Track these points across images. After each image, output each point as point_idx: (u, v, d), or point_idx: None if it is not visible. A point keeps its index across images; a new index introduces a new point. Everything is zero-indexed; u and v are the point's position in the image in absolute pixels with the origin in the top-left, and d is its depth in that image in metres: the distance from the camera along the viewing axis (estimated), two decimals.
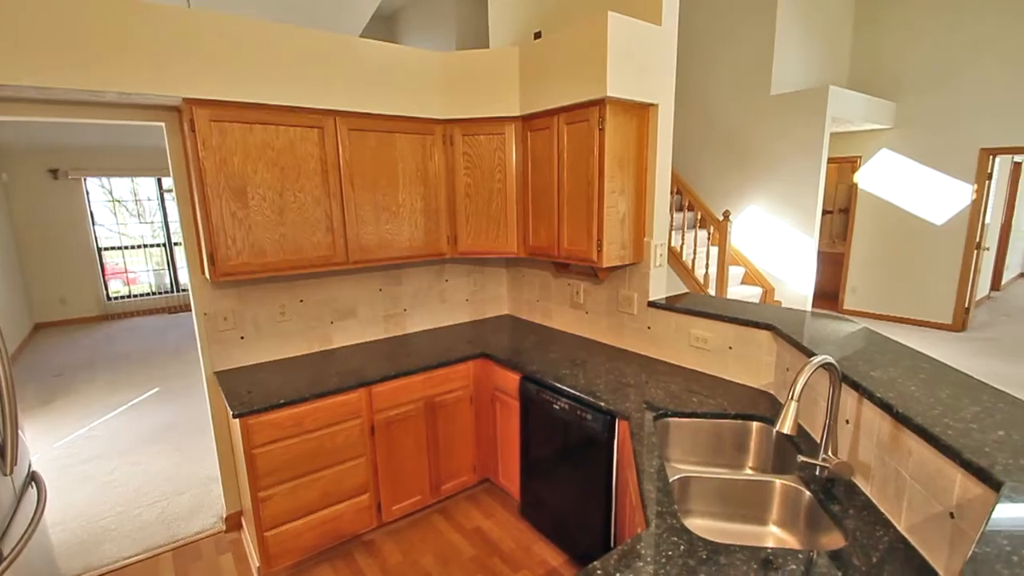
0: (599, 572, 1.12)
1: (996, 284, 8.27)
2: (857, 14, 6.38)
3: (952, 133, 5.83)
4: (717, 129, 5.80)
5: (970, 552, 0.78)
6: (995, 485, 0.96)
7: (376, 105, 2.45)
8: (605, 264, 2.37)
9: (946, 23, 5.74)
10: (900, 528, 1.25)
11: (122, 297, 7.94)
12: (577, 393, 2.15)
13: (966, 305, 6.01)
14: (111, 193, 7.78)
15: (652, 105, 2.38)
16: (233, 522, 2.67)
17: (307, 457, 2.22)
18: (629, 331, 2.67)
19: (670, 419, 1.94)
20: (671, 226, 5.15)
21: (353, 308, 2.85)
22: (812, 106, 4.96)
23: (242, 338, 2.52)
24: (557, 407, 2.26)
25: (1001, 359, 5.17)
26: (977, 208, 5.76)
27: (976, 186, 5.73)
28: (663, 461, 1.61)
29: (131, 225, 8.00)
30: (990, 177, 5.74)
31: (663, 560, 1.15)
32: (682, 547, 1.20)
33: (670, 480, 1.52)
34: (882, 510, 1.32)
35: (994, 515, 0.86)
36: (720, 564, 1.14)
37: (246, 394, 2.19)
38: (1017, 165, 7.67)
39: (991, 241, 7.27)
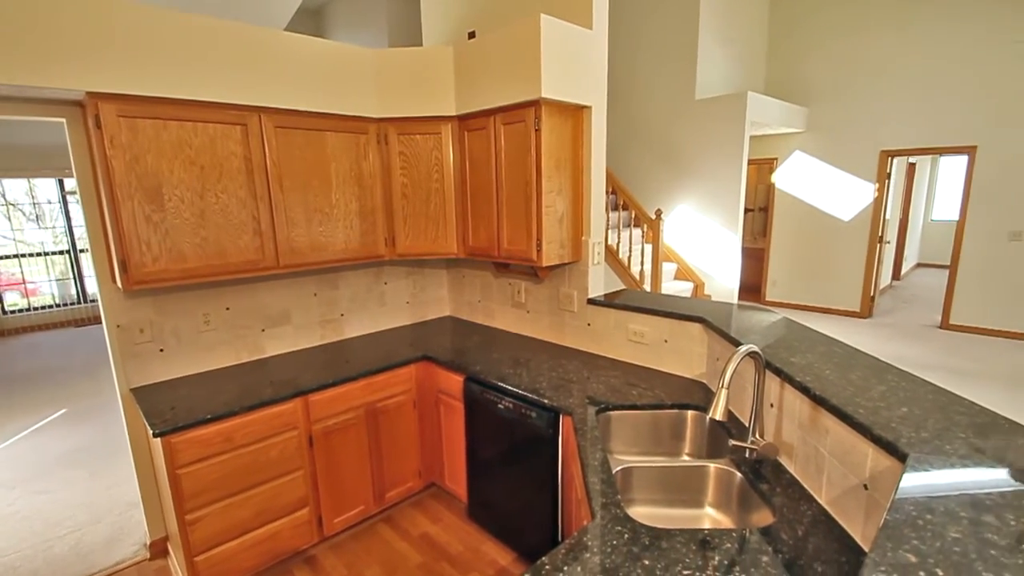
0: (547, 567, 1.13)
1: (897, 274, 9.12)
2: (771, 26, 6.83)
3: (856, 137, 6.37)
4: (648, 131, 6.02)
5: (882, 520, 0.85)
6: (901, 457, 1.05)
7: (305, 102, 2.35)
8: (545, 263, 2.40)
9: (849, 40, 6.26)
10: (821, 502, 1.34)
11: (20, 311, 7.17)
12: (521, 392, 2.16)
13: (872, 294, 6.59)
14: (3, 196, 7.01)
15: (586, 107, 2.44)
16: (158, 548, 2.47)
17: (239, 474, 2.10)
18: (570, 328, 2.71)
19: (612, 412, 1.99)
20: (607, 225, 5.30)
21: (286, 314, 2.72)
22: (733, 111, 5.26)
23: (161, 351, 2.34)
24: (502, 407, 2.26)
25: (903, 342, 5.71)
26: (879, 205, 6.32)
27: (877, 185, 6.30)
28: (606, 453, 1.65)
29: (29, 231, 7.24)
30: (889, 177, 6.32)
31: (609, 550, 1.18)
32: (626, 535, 1.23)
33: (613, 471, 1.56)
34: (805, 486, 1.42)
35: (901, 484, 0.95)
36: (662, 549, 1.18)
37: (168, 411, 2.03)
38: (911, 166, 8.50)
39: (891, 235, 8.01)
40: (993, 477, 0.96)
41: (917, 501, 0.89)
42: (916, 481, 0.95)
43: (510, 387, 2.21)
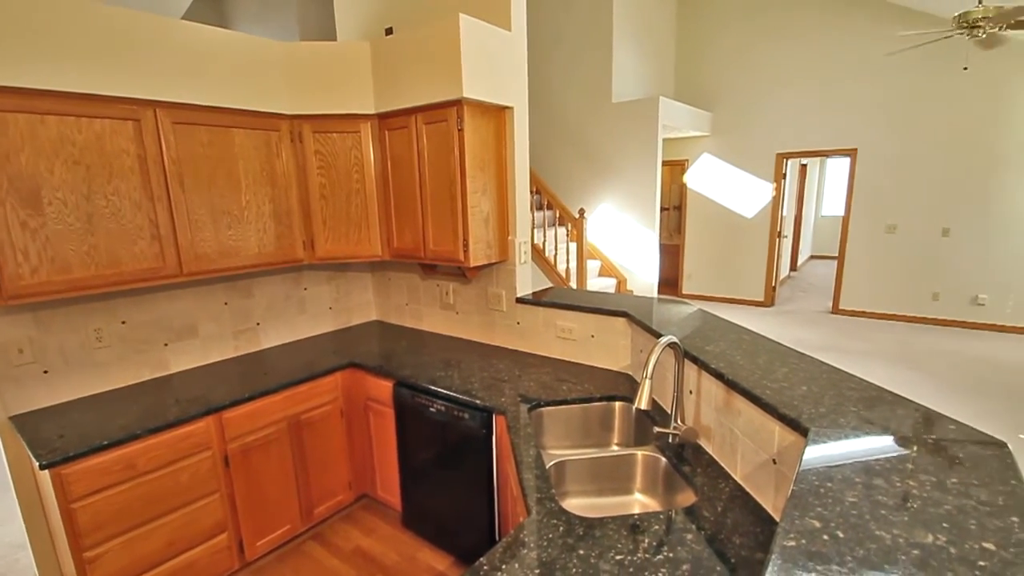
0: (485, 567, 1.12)
1: (794, 265, 10.00)
2: (679, 36, 7.26)
3: (755, 140, 6.92)
4: (569, 132, 6.18)
5: (790, 491, 0.93)
6: (803, 432, 1.15)
7: (207, 96, 2.19)
8: (472, 264, 2.39)
9: (747, 51, 6.78)
10: (737, 478, 1.44)
11: None
12: (453, 394, 2.14)
13: (773, 284, 7.19)
14: None
15: (508, 108, 2.46)
16: None
17: (145, 503, 1.91)
18: (500, 328, 2.72)
19: (543, 409, 2.02)
20: (533, 224, 5.38)
21: (193, 326, 2.51)
22: (646, 114, 5.52)
23: (46, 372, 2.09)
24: (434, 410, 2.23)
25: (801, 327, 6.27)
26: (776, 203, 6.90)
27: (775, 185, 6.87)
28: (539, 449, 1.67)
29: None
30: (784, 177, 6.92)
31: (545, 543, 1.19)
32: (561, 528, 1.25)
33: (547, 466, 1.58)
34: (722, 465, 1.52)
35: (805, 457, 1.03)
36: (596, 537, 1.21)
37: (57, 439, 1.81)
38: (803, 167, 9.35)
39: (788, 230, 8.77)
40: (881, 444, 1.07)
41: (819, 471, 0.98)
42: (817, 453, 1.05)
43: (441, 389, 2.18)
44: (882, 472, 0.97)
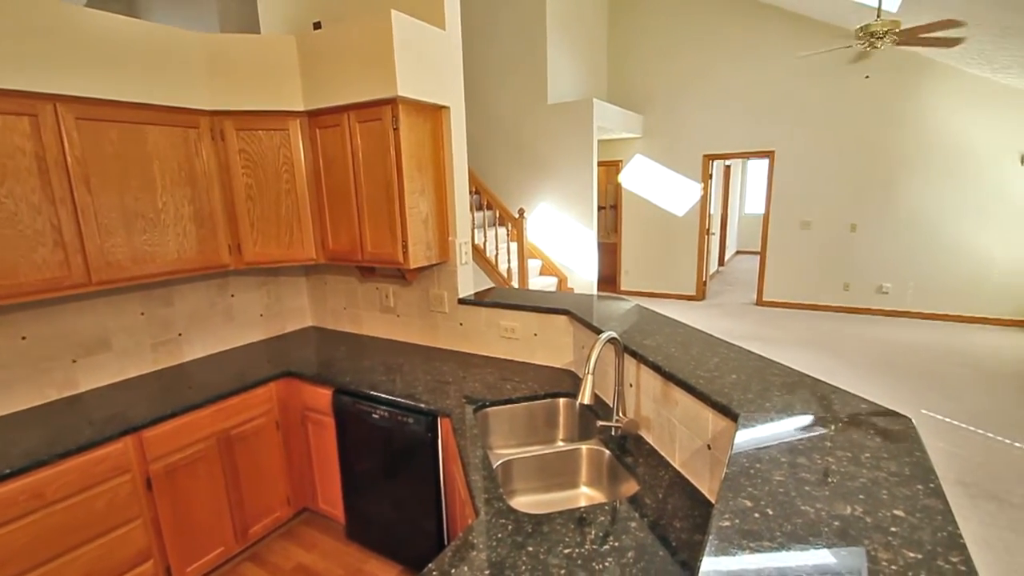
0: (434, 573, 1.11)
1: (721, 261, 10.57)
2: (610, 40, 7.48)
3: (683, 142, 7.25)
4: (507, 133, 6.22)
5: (723, 474, 0.98)
6: (734, 417, 1.22)
7: (115, 90, 2.02)
8: (412, 265, 2.35)
9: (674, 57, 7.09)
10: (676, 465, 1.50)
11: None
12: (396, 398, 2.09)
13: (703, 279, 7.57)
14: None
15: (444, 107, 2.43)
16: None
17: (57, 535, 1.73)
18: (443, 330, 2.70)
19: (489, 409, 2.01)
20: (473, 224, 5.37)
21: (105, 340, 2.31)
22: (581, 116, 5.65)
23: None
24: (376, 416, 2.17)
25: (729, 319, 6.64)
26: (704, 202, 7.27)
27: (702, 185, 7.23)
28: (486, 450, 1.66)
29: None
30: (711, 177, 7.30)
31: (494, 544, 1.19)
32: (510, 527, 1.25)
33: (494, 466, 1.58)
34: (662, 454, 1.58)
35: (736, 441, 1.09)
36: (544, 533, 1.22)
37: None
38: (727, 168, 9.90)
39: (715, 227, 9.26)
40: (803, 425, 1.15)
41: (748, 454, 1.04)
42: (746, 437, 1.11)
43: (384, 395, 2.13)
44: (804, 451, 1.04)
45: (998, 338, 5.55)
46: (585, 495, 1.74)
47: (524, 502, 1.71)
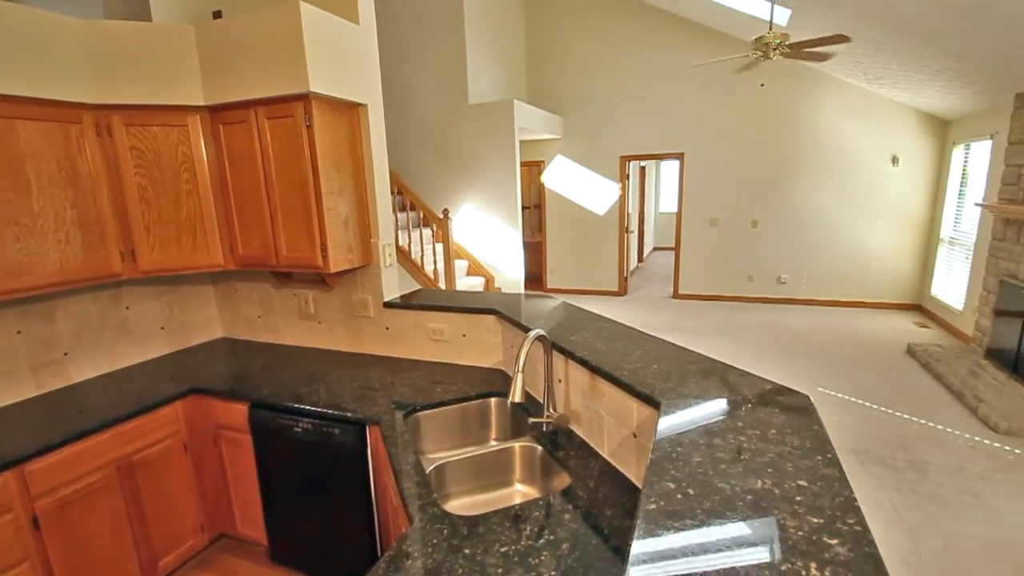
0: None
1: (640, 257, 11.07)
2: (527, 42, 7.60)
3: (601, 143, 7.52)
4: (429, 133, 6.13)
5: (648, 460, 1.02)
6: (656, 405, 1.27)
7: None
8: (333, 269, 2.26)
9: (589, 61, 7.33)
10: (605, 455, 1.55)
11: None
12: (320, 409, 2.00)
13: (625, 275, 7.89)
14: None
15: (361, 104, 2.35)
16: None
17: None
18: (368, 335, 2.61)
19: (420, 413, 1.97)
20: (396, 226, 5.24)
21: None
22: (503, 116, 5.69)
23: None
24: (299, 429, 2.06)
25: (650, 312, 6.97)
26: (623, 201, 7.58)
27: (620, 184, 7.54)
28: (418, 455, 1.63)
29: None
30: (628, 178, 7.62)
31: (430, 550, 1.17)
32: (445, 531, 1.23)
33: (427, 471, 1.55)
34: (592, 445, 1.62)
35: (658, 428, 1.14)
36: (480, 534, 1.21)
37: None
38: (643, 169, 10.39)
39: (634, 225, 9.69)
40: (718, 408, 1.22)
41: (670, 439, 1.09)
42: (668, 423, 1.16)
43: (307, 406, 2.03)
44: (719, 432, 1.10)
45: (879, 320, 6.25)
46: (520, 492, 1.75)
47: (459, 505, 1.69)
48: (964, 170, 5.75)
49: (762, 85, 6.61)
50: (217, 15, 2.45)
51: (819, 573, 0.70)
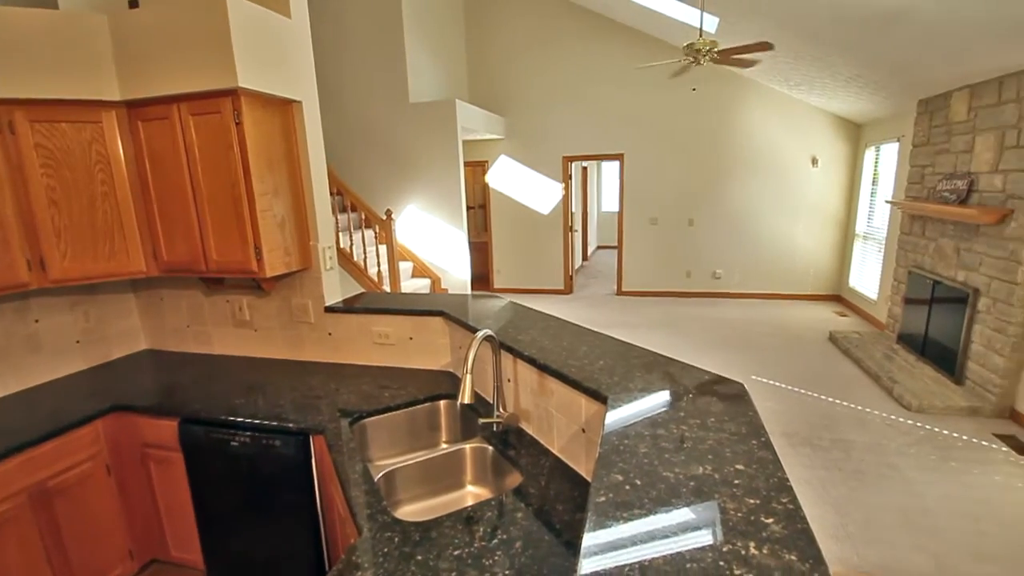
0: None
1: (585, 256, 11.30)
2: (467, 42, 7.57)
3: (544, 144, 7.61)
4: (370, 132, 5.99)
5: (597, 453, 1.04)
6: (603, 400, 1.30)
7: None
8: (269, 273, 2.15)
9: (531, 63, 7.40)
10: (555, 452, 1.57)
11: None
12: (259, 421, 1.90)
13: (570, 274, 8.03)
14: None
15: (295, 101, 2.26)
16: None
17: None
18: (309, 341, 2.51)
19: (366, 420, 1.92)
20: (337, 227, 5.09)
21: None
22: (445, 116, 5.64)
23: None
24: (236, 444, 1.95)
25: (595, 309, 7.13)
26: (566, 201, 7.70)
27: (563, 185, 7.66)
28: (366, 463, 1.58)
29: None
30: (570, 178, 7.75)
31: (381, 559, 1.14)
32: (396, 539, 1.20)
33: (375, 479, 1.51)
34: (542, 442, 1.63)
35: (606, 422, 1.17)
36: (432, 539, 1.19)
37: None
38: (584, 169, 10.60)
39: (578, 224, 9.87)
40: (661, 400, 1.26)
41: (617, 432, 1.12)
42: (615, 417, 1.19)
43: (244, 419, 1.92)
44: (663, 423, 1.14)
45: (804, 310, 6.69)
46: (472, 493, 1.74)
47: (411, 510, 1.66)
48: (875, 170, 6.25)
49: (694, 89, 6.91)
50: (133, 4, 2.29)
51: (757, 551, 0.73)
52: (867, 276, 6.33)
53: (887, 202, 5.41)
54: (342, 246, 4.90)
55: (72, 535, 1.97)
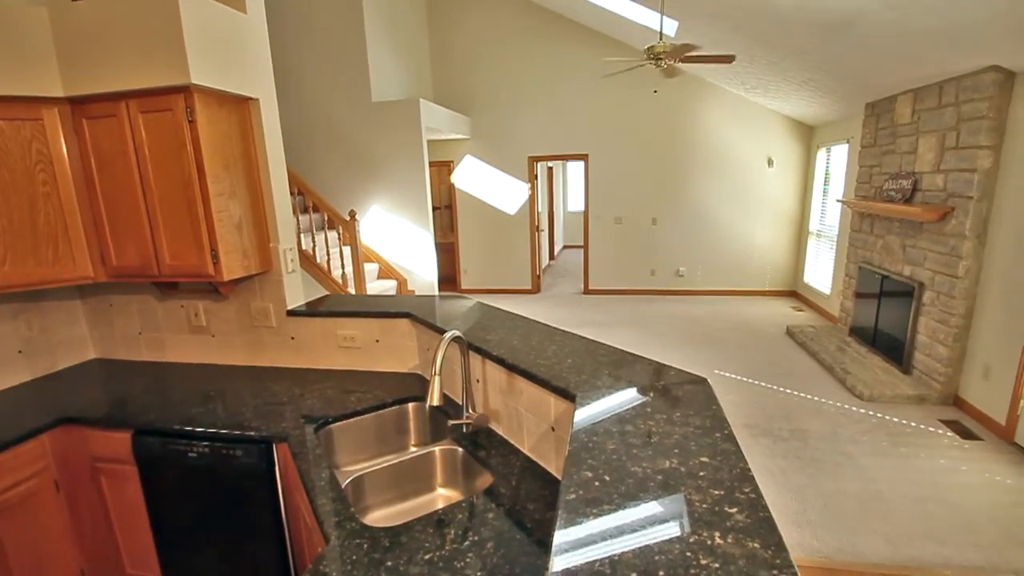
0: None
1: (552, 255, 11.38)
2: (431, 41, 7.52)
3: (509, 144, 7.62)
4: (331, 131, 5.87)
5: (566, 451, 1.04)
6: (572, 398, 1.31)
7: None
8: (227, 277, 2.08)
9: (494, 64, 7.40)
10: (525, 451, 1.57)
11: None
12: (219, 430, 1.83)
13: (537, 273, 8.06)
14: None
15: (252, 99, 2.19)
16: None
17: None
18: (271, 346, 2.44)
19: (332, 425, 1.88)
20: (299, 229, 4.97)
21: None
22: (409, 115, 5.58)
23: None
24: (194, 455, 1.87)
25: (562, 308, 7.18)
26: (532, 201, 7.74)
27: (529, 185, 7.69)
28: (333, 470, 1.55)
29: None
30: (536, 178, 7.79)
31: (349, 567, 1.11)
32: (366, 546, 1.18)
33: (343, 486, 1.48)
34: (512, 442, 1.63)
35: (575, 420, 1.18)
36: (403, 544, 1.18)
37: None
38: (550, 169, 10.67)
39: (544, 224, 9.93)
40: (628, 396, 1.28)
41: (586, 429, 1.13)
42: (584, 414, 1.20)
43: (202, 428, 1.85)
44: (631, 419, 1.16)
45: (763, 306, 6.92)
46: (443, 496, 1.73)
47: (380, 516, 1.63)
48: (827, 170, 6.53)
49: (655, 92, 7.06)
50: None
51: (722, 540, 0.75)
52: (821, 272, 6.60)
53: (838, 201, 5.66)
54: (304, 248, 4.78)
55: (18, 556, 1.86)
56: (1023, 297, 3.27)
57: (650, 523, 0.80)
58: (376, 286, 5.60)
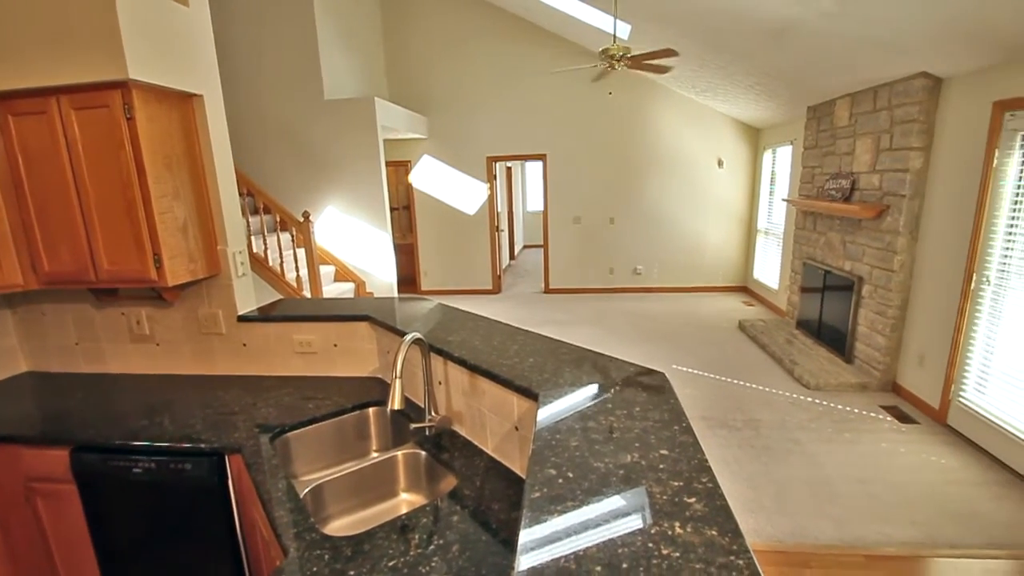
0: None
1: (512, 255, 11.40)
2: (385, 40, 7.40)
3: (467, 144, 7.59)
4: (282, 130, 5.69)
5: (530, 450, 1.04)
6: (535, 397, 1.31)
7: None
8: (171, 282, 1.98)
9: (451, 64, 7.35)
10: (489, 451, 1.57)
11: None
12: (166, 444, 1.74)
13: (498, 273, 8.06)
14: None
15: (196, 96, 2.09)
16: None
17: None
18: (222, 354, 2.34)
19: (289, 434, 1.82)
20: (249, 231, 4.79)
21: None
22: (364, 114, 5.47)
23: None
24: (140, 470, 1.77)
25: (523, 308, 7.21)
26: (491, 201, 7.74)
27: (488, 185, 7.68)
28: (290, 479, 1.50)
29: None
30: (495, 178, 7.79)
31: None
32: (327, 556, 1.15)
33: (301, 495, 1.43)
34: (475, 443, 1.63)
35: (538, 418, 1.18)
36: (366, 552, 1.15)
37: None
38: (509, 169, 10.69)
39: (504, 224, 9.94)
40: (590, 393, 1.30)
41: (549, 427, 1.13)
42: (547, 413, 1.21)
43: (148, 442, 1.75)
44: (593, 415, 1.17)
45: (716, 302, 7.16)
46: (406, 501, 1.70)
47: (342, 525, 1.59)
48: (773, 171, 6.82)
49: (610, 94, 7.19)
50: None
51: (682, 530, 0.77)
52: (769, 268, 6.89)
53: (783, 200, 5.92)
54: (256, 251, 4.61)
55: None
56: (952, 289, 3.51)
57: (613, 517, 0.81)
58: (333, 289, 5.46)
